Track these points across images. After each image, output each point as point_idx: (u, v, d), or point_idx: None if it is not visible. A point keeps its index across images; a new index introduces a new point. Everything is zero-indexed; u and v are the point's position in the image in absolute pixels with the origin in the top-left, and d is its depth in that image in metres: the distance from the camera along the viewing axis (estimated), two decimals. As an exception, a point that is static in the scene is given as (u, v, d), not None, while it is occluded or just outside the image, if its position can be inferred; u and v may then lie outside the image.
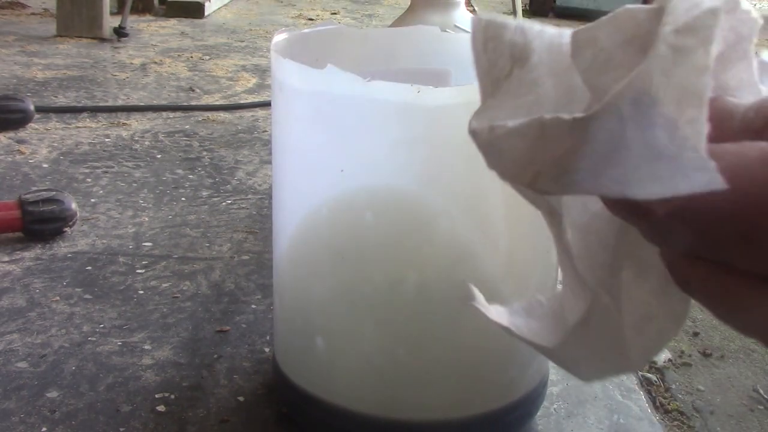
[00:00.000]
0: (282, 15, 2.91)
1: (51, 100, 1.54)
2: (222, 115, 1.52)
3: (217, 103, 1.61)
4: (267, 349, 0.74)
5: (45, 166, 1.19)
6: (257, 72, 1.90)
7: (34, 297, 0.81)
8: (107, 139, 1.33)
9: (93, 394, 0.66)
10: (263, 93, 1.70)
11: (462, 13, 1.29)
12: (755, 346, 1.17)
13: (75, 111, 1.47)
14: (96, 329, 0.76)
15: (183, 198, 1.10)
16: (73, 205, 0.96)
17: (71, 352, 0.72)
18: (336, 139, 0.54)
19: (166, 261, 0.91)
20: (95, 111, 1.48)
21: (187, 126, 1.44)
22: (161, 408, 0.65)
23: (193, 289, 0.85)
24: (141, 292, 0.84)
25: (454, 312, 0.55)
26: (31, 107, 1.35)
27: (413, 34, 0.69)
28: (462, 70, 0.67)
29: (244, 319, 0.79)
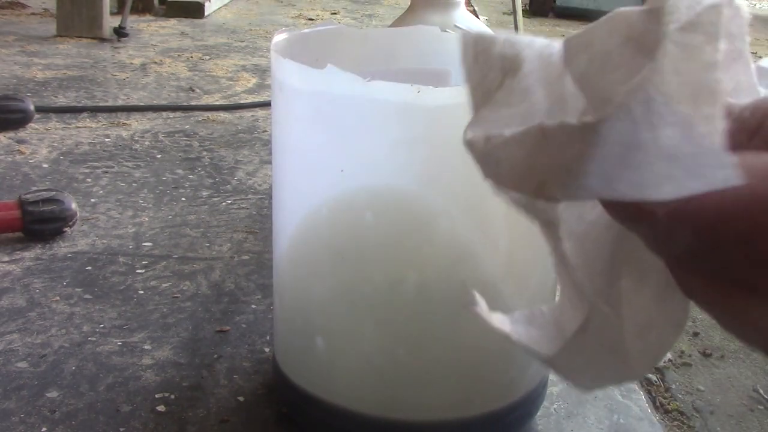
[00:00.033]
0: (282, 15, 2.91)
1: (51, 100, 1.54)
2: (222, 115, 1.52)
3: (217, 103, 1.61)
4: (267, 349, 0.74)
5: (45, 166, 1.19)
6: (257, 72, 1.90)
7: (34, 297, 0.81)
8: (107, 139, 1.33)
9: (93, 394, 0.66)
10: (263, 93, 1.70)
11: (462, 13, 1.29)
12: (755, 346, 1.16)
13: (75, 111, 1.47)
14: (96, 329, 0.76)
15: (183, 198, 1.10)
16: (73, 205, 0.96)
17: (71, 352, 0.72)
18: (336, 139, 0.54)
19: (166, 261, 0.91)
20: (95, 111, 1.48)
21: (187, 126, 1.44)
22: (161, 408, 0.65)
23: (193, 289, 0.85)
24: (141, 292, 0.84)
25: (454, 312, 0.55)
26: (31, 107, 1.35)
27: (413, 34, 0.69)
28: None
29: (244, 319, 0.79)
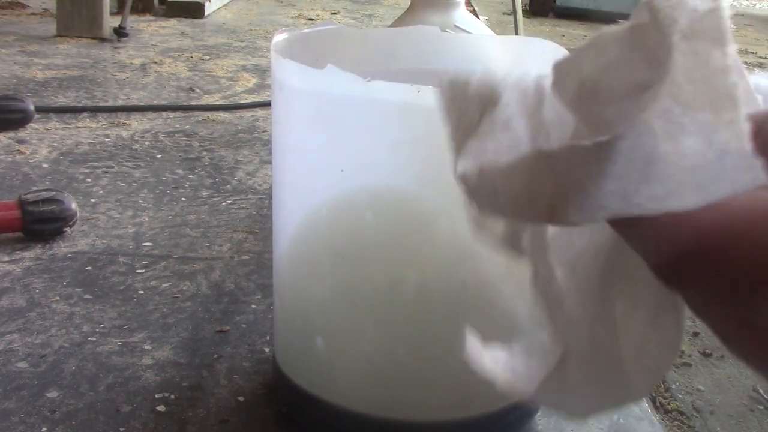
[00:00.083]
0: (282, 15, 2.91)
1: (51, 100, 1.54)
2: (222, 115, 1.52)
3: (217, 103, 1.61)
4: (267, 349, 0.74)
5: (45, 166, 1.19)
6: (257, 72, 1.90)
7: (34, 297, 0.81)
8: (107, 139, 1.33)
9: (93, 394, 0.66)
10: (263, 93, 1.70)
11: (462, 13, 1.29)
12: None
13: (75, 111, 1.47)
14: (96, 329, 0.76)
15: (183, 198, 1.10)
16: (73, 205, 0.96)
17: (71, 352, 0.72)
18: (336, 139, 0.54)
19: (166, 261, 0.91)
20: (95, 111, 1.48)
21: (187, 126, 1.44)
22: (161, 408, 0.65)
23: (193, 289, 0.85)
24: (141, 292, 0.84)
25: (454, 312, 0.55)
26: (31, 107, 1.35)
27: (413, 34, 0.69)
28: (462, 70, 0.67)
29: (244, 319, 0.79)
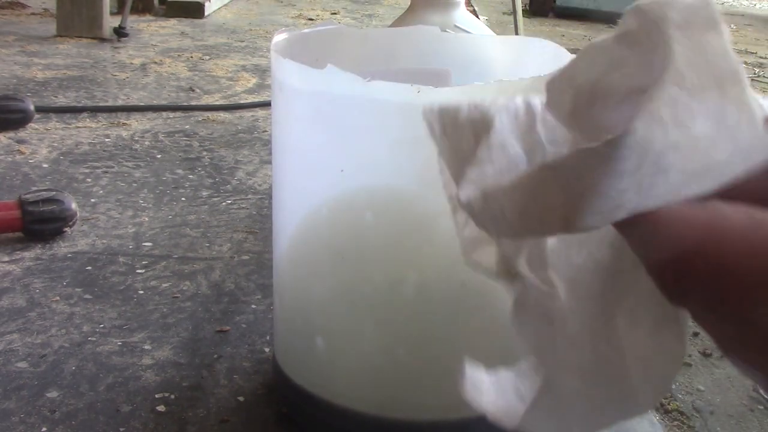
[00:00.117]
0: (282, 15, 2.91)
1: (51, 100, 1.54)
2: (222, 115, 1.52)
3: (217, 103, 1.61)
4: (267, 349, 0.74)
5: (45, 166, 1.19)
6: (257, 72, 1.90)
7: (34, 297, 0.81)
8: (107, 139, 1.33)
9: (93, 394, 0.66)
10: (263, 93, 1.70)
11: (462, 13, 1.29)
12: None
13: (75, 111, 1.47)
14: (96, 329, 0.76)
15: (183, 198, 1.10)
16: (73, 205, 0.96)
17: (71, 352, 0.72)
18: (336, 139, 0.54)
19: (166, 261, 0.91)
20: (95, 111, 1.48)
21: (187, 126, 1.44)
22: (161, 408, 0.65)
23: (193, 289, 0.85)
24: (141, 292, 0.84)
25: (453, 312, 0.55)
26: (31, 107, 1.35)
27: (413, 34, 0.69)
28: (462, 70, 0.67)
29: (244, 319, 0.79)
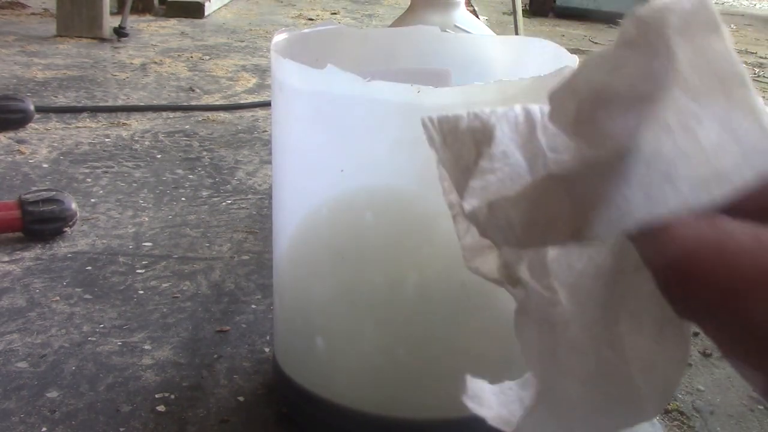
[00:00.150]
0: (282, 15, 2.91)
1: (51, 100, 1.54)
2: (222, 115, 1.52)
3: (217, 103, 1.61)
4: (267, 349, 0.74)
5: (45, 166, 1.19)
6: (257, 72, 1.90)
7: (34, 297, 0.81)
8: (107, 139, 1.33)
9: (93, 394, 0.66)
10: (263, 93, 1.70)
11: (462, 13, 1.29)
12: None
13: (75, 111, 1.47)
14: (96, 329, 0.76)
15: (183, 198, 1.10)
16: (73, 205, 0.96)
17: (71, 352, 0.72)
18: (336, 139, 0.54)
19: (166, 261, 0.91)
20: (95, 111, 1.48)
21: (187, 126, 1.44)
22: (161, 408, 0.65)
23: (193, 289, 0.85)
24: (141, 292, 0.84)
25: (453, 312, 0.55)
26: (31, 107, 1.35)
27: (413, 34, 0.69)
28: (462, 70, 0.67)
29: (244, 319, 0.79)
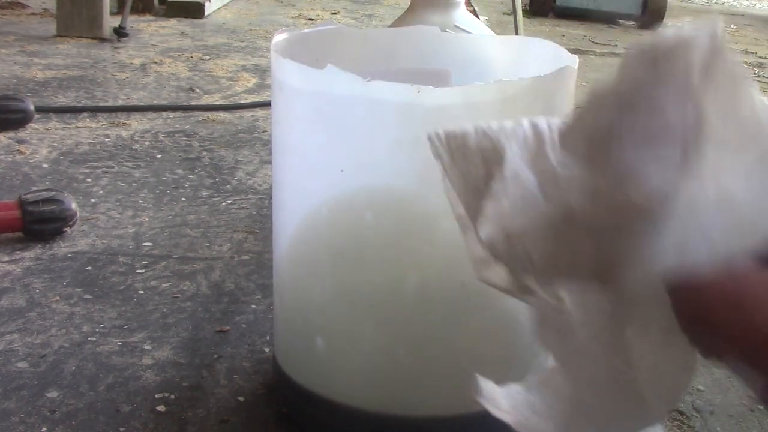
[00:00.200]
0: (282, 15, 2.91)
1: (51, 100, 1.54)
2: (222, 115, 1.52)
3: (217, 103, 1.61)
4: (267, 349, 0.74)
5: (45, 166, 1.19)
6: (257, 72, 1.90)
7: (34, 297, 0.81)
8: (107, 139, 1.33)
9: (93, 394, 0.66)
10: (263, 93, 1.70)
11: (462, 13, 1.29)
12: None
13: (75, 111, 1.47)
14: (96, 329, 0.76)
15: (183, 198, 1.10)
16: (73, 205, 0.96)
17: (71, 352, 0.72)
18: (336, 139, 0.54)
19: (166, 261, 0.91)
20: (95, 111, 1.48)
21: (187, 126, 1.44)
22: (161, 408, 0.65)
23: (193, 289, 0.85)
24: (141, 292, 0.84)
25: (454, 312, 0.55)
26: (31, 107, 1.35)
27: (413, 34, 0.69)
28: (462, 70, 0.67)
29: (244, 319, 0.79)
